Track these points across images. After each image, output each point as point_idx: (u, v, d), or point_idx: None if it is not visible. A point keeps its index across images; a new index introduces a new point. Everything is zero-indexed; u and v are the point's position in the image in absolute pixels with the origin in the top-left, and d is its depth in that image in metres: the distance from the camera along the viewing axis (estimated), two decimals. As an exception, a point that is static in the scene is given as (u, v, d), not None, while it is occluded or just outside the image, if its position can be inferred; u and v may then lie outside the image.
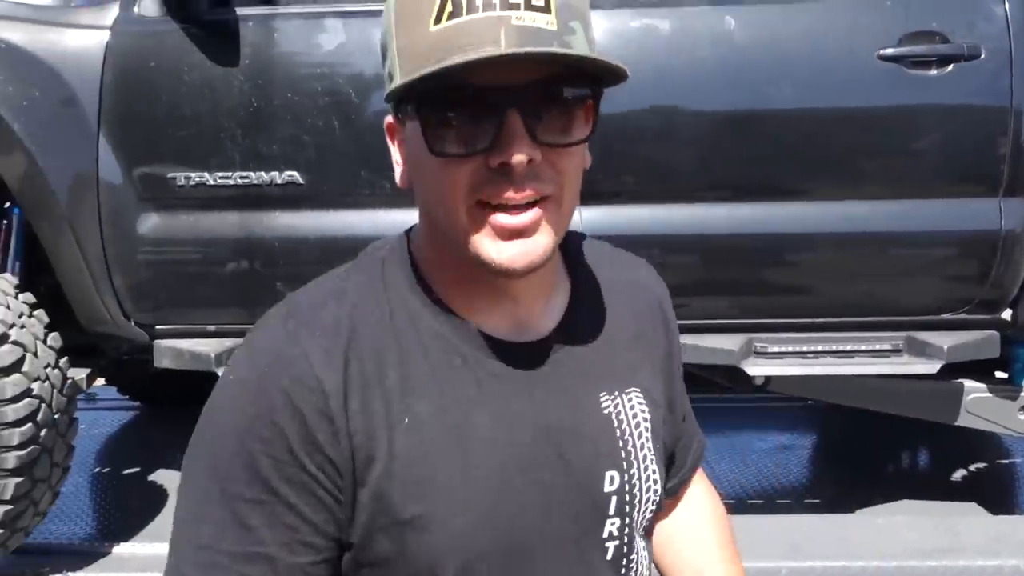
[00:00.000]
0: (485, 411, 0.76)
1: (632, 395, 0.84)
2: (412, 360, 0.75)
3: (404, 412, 0.73)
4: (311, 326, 0.75)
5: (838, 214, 2.21)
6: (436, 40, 0.68)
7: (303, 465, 0.71)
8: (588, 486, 0.79)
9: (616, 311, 0.87)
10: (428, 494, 0.73)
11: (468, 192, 0.71)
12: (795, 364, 2.23)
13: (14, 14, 2.22)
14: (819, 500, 2.75)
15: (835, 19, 2.15)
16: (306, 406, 0.71)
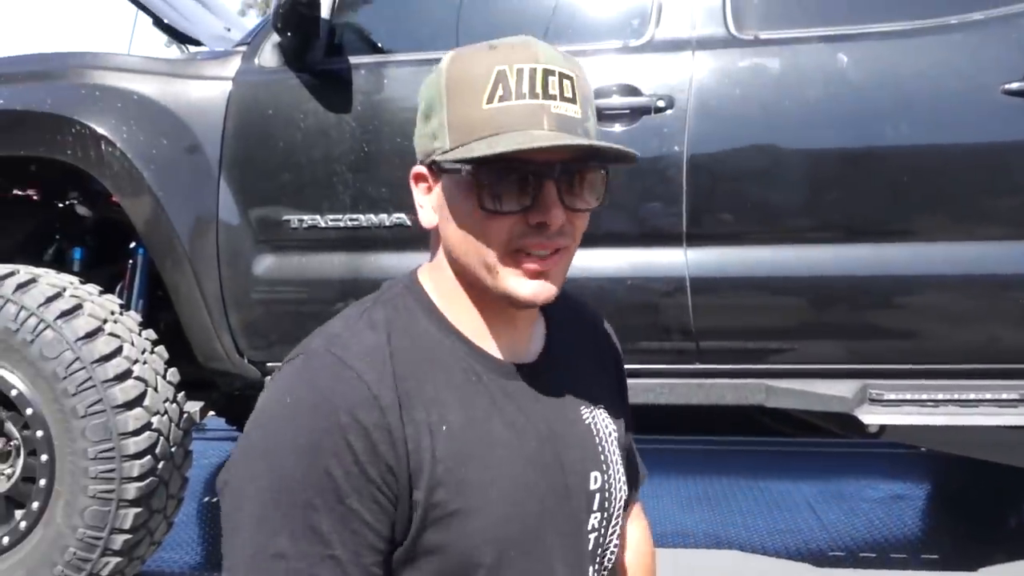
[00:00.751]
0: (501, 422, 0.88)
1: (602, 410, 1.00)
2: (440, 378, 0.87)
3: (441, 421, 0.85)
4: (357, 351, 0.85)
5: (959, 255, 2.11)
6: (488, 117, 0.83)
7: (368, 475, 0.80)
8: (579, 485, 0.94)
9: (580, 340, 1.03)
10: (467, 492, 0.84)
11: (508, 240, 0.85)
12: (914, 413, 2.13)
13: (145, 68, 2.37)
14: (937, 556, 2.61)
15: (956, 53, 2.07)
16: (369, 421, 0.81)
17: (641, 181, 2.17)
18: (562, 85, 0.84)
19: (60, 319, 2.17)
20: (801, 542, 2.70)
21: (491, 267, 0.86)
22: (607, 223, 2.22)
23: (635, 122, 2.16)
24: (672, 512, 2.98)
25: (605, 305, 2.21)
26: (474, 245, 0.87)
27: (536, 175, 0.84)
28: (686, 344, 2.21)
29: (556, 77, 0.84)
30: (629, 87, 2.17)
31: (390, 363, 0.85)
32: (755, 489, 3.17)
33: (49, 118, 2.28)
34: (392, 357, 0.85)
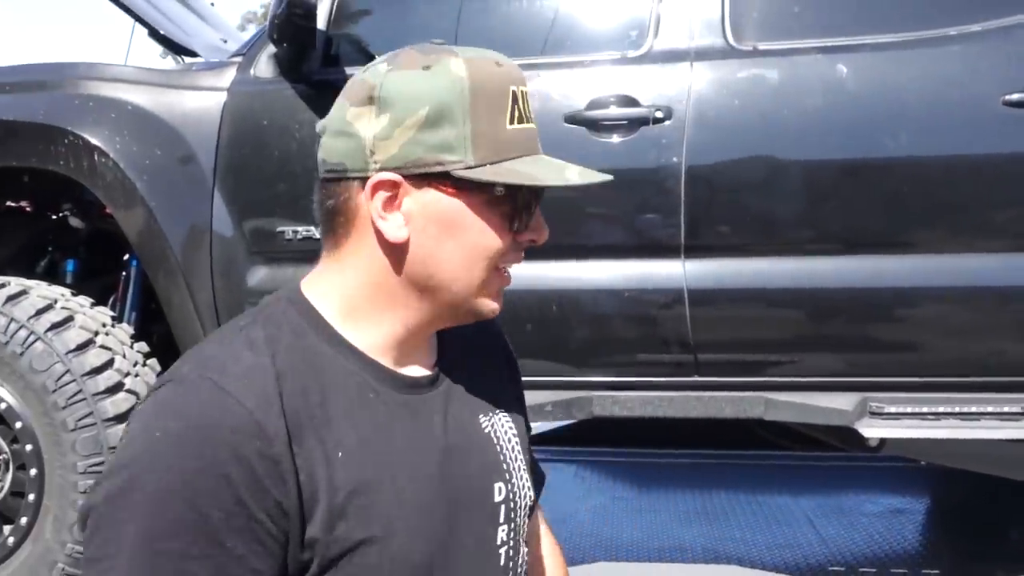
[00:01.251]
0: (401, 439, 0.84)
1: (501, 416, 0.96)
2: (333, 398, 0.81)
3: (336, 447, 0.79)
4: (236, 374, 0.77)
5: (960, 268, 2.10)
6: (512, 139, 0.83)
7: (251, 513, 0.73)
8: (484, 498, 0.90)
9: (474, 347, 0.98)
10: (371, 520, 0.78)
11: (499, 258, 0.85)
12: (914, 426, 2.11)
13: (140, 78, 2.35)
14: (937, 571, 2.58)
15: (955, 64, 2.06)
16: (251, 452, 0.73)
17: (639, 192, 2.16)
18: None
19: (51, 331, 2.15)
20: (800, 557, 2.67)
21: (478, 285, 0.85)
22: (605, 234, 2.20)
23: (633, 133, 2.15)
24: (670, 526, 2.95)
25: (602, 318, 2.20)
26: (471, 262, 0.84)
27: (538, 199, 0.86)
28: (684, 357, 2.19)
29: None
30: (627, 98, 2.16)
31: (275, 385, 0.77)
32: (754, 503, 3.14)
33: (42, 128, 2.26)
34: (278, 379, 0.78)
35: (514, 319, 2.23)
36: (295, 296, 0.87)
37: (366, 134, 0.81)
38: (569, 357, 2.25)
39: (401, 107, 0.81)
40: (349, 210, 0.84)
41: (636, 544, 2.80)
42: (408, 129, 0.81)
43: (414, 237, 0.83)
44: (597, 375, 2.25)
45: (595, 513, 3.09)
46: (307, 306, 0.85)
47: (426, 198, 0.83)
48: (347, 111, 0.83)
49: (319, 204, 0.86)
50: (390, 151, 0.81)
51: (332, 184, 0.84)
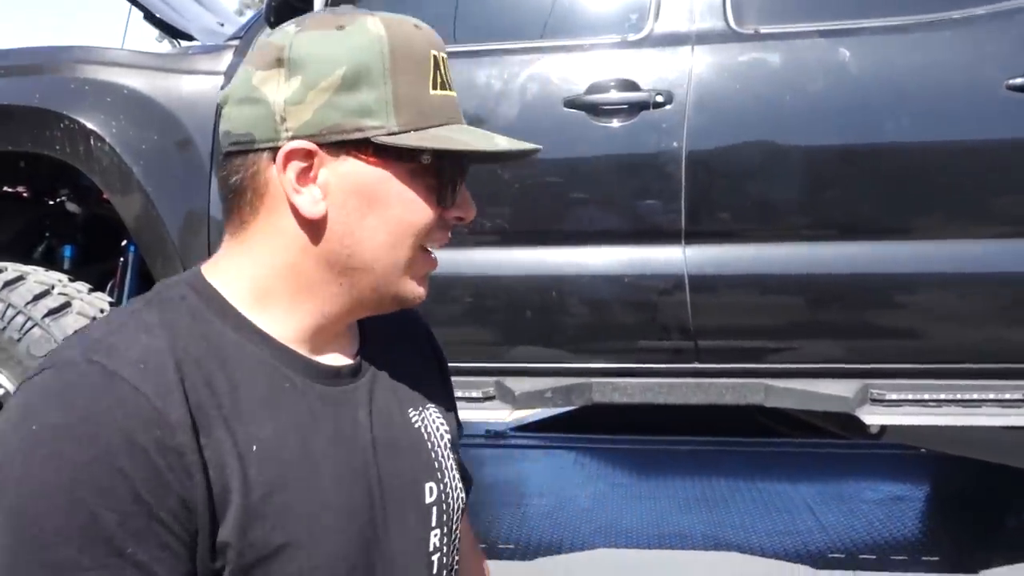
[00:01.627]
0: (323, 433, 0.76)
1: (431, 410, 0.89)
2: (243, 388, 0.72)
3: (250, 440, 0.70)
4: (129, 358, 0.67)
5: (962, 253, 2.09)
6: (438, 105, 0.76)
7: (152, 513, 0.64)
8: (415, 499, 0.82)
9: (398, 339, 0.92)
10: (290, 523, 0.70)
11: (423, 236, 0.78)
12: (915, 413, 2.10)
13: (136, 62, 2.33)
14: (937, 557, 2.57)
15: (959, 48, 2.04)
16: (150, 443, 0.64)
17: (639, 177, 2.14)
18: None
19: (48, 317, 2.14)
20: (800, 544, 2.67)
21: (402, 266, 0.78)
22: (604, 220, 2.19)
23: (633, 117, 2.13)
24: (670, 513, 2.95)
25: (602, 304, 2.19)
26: (395, 240, 0.76)
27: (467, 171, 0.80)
28: (684, 343, 2.18)
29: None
30: (627, 82, 2.14)
31: (175, 371, 0.68)
32: (754, 490, 3.14)
33: (37, 112, 2.24)
34: (178, 365, 0.68)
35: (513, 306, 2.22)
36: (196, 281, 0.77)
37: (275, 99, 0.73)
38: (568, 343, 2.24)
39: (314, 68, 0.73)
40: (258, 185, 0.75)
41: (636, 531, 2.80)
42: (323, 92, 0.73)
43: (332, 212, 0.75)
44: (596, 361, 2.24)
45: (595, 500, 3.09)
46: (210, 292, 0.76)
47: (344, 168, 0.75)
48: (253, 76, 0.74)
49: (222, 181, 0.77)
50: (303, 117, 0.73)
51: (237, 157, 0.75)
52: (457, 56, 2.19)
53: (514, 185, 2.16)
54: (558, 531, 2.79)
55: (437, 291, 2.20)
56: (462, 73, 2.18)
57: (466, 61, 2.20)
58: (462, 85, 2.15)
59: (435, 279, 0.81)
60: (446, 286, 2.21)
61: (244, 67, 0.77)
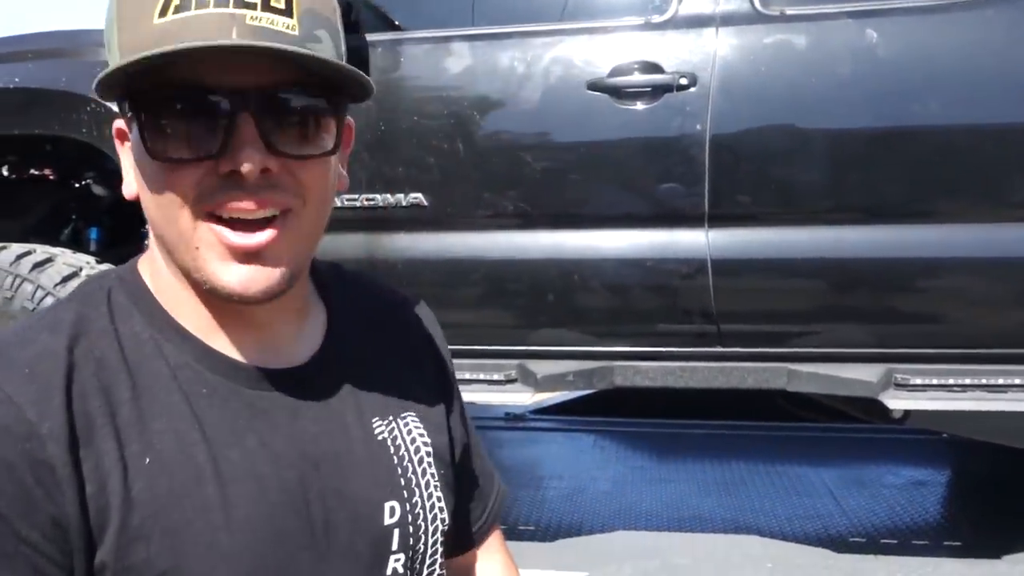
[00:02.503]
0: (243, 445, 0.67)
1: (408, 419, 0.78)
2: (150, 394, 0.66)
3: (143, 452, 0.64)
4: (15, 364, 0.63)
5: (989, 238, 2.07)
6: (160, 34, 0.61)
7: (18, 532, 0.59)
8: (367, 519, 0.72)
9: (381, 337, 0.82)
10: (181, 544, 0.63)
11: (195, 201, 0.64)
12: (940, 398, 2.09)
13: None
14: (959, 543, 2.57)
15: (990, 29, 2.01)
16: (17, 457, 0.60)
17: (662, 161, 2.13)
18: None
19: (76, 299, 2.16)
20: (821, 528, 2.67)
21: (187, 240, 0.65)
22: (627, 203, 2.18)
23: (657, 100, 2.11)
24: (690, 497, 2.96)
25: (624, 287, 2.19)
26: (164, 210, 0.65)
27: (222, 107, 0.63)
28: (707, 327, 2.18)
29: None
30: (651, 64, 2.13)
31: (63, 376, 0.63)
32: (775, 474, 3.14)
33: (64, 96, 2.26)
34: (70, 369, 0.64)
35: (536, 289, 2.23)
36: (127, 273, 0.73)
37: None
38: (590, 327, 2.25)
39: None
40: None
41: (655, 514, 2.81)
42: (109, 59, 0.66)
43: (139, 188, 0.68)
44: (618, 345, 2.24)
45: (614, 483, 3.10)
46: (137, 284, 0.71)
47: (131, 138, 0.68)
48: None
49: None
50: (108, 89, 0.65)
51: None
52: (481, 39, 2.20)
53: (536, 168, 2.16)
54: (577, 513, 2.81)
55: (460, 274, 2.23)
56: (486, 55, 2.18)
57: (490, 43, 2.19)
58: (485, 68, 2.17)
59: (457, 262, 0.77)
60: (469, 269, 2.21)
61: None
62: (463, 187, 2.19)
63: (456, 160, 2.17)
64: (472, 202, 2.20)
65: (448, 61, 2.19)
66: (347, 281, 0.85)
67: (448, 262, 2.21)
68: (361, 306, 0.82)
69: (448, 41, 2.20)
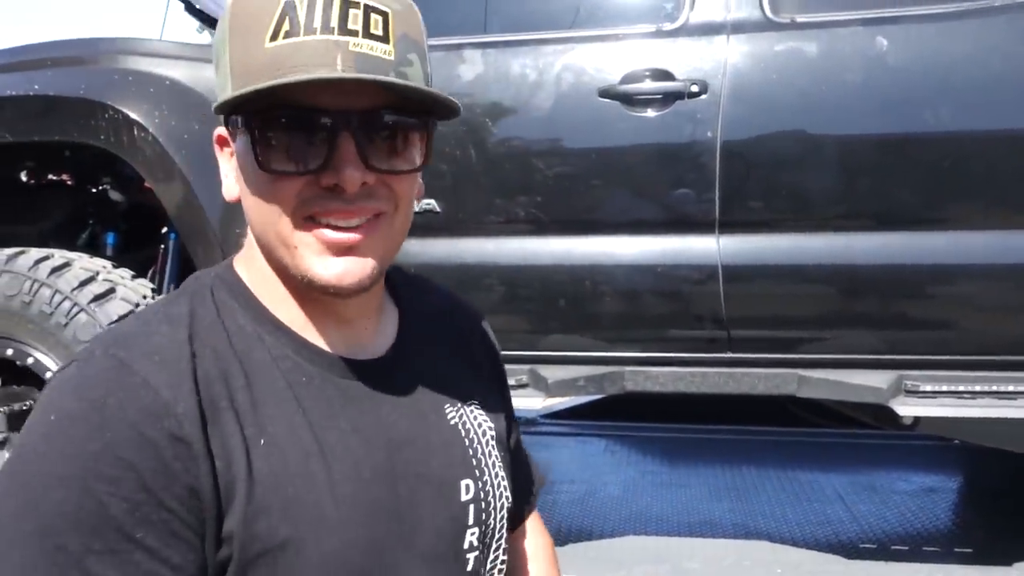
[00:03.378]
0: (339, 429, 0.75)
1: (474, 407, 0.86)
2: (259, 381, 0.73)
3: (259, 434, 0.71)
4: (146, 352, 0.70)
5: (1000, 244, 2.07)
6: (271, 57, 0.69)
7: (160, 501, 0.66)
8: (447, 497, 0.80)
9: (444, 334, 0.90)
10: (297, 516, 0.70)
11: (298, 206, 0.72)
12: (950, 405, 2.09)
13: (177, 53, 2.37)
14: (971, 549, 2.56)
15: (1001, 36, 2.02)
16: (157, 434, 0.66)
17: (674, 167, 2.15)
18: (368, 19, 0.70)
19: (94, 303, 2.19)
20: (832, 534, 2.67)
21: (287, 241, 0.73)
22: (638, 209, 2.19)
23: (668, 107, 2.13)
24: (701, 501, 2.96)
25: (635, 293, 2.20)
26: (266, 215, 0.73)
27: (327, 127, 0.70)
28: (718, 333, 2.19)
29: (360, 10, 0.69)
30: (662, 72, 2.14)
31: (190, 363, 0.70)
32: (785, 480, 3.14)
33: (82, 103, 2.29)
34: (194, 357, 0.71)
35: (547, 294, 2.24)
36: (225, 272, 0.80)
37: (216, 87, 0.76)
38: (602, 332, 2.26)
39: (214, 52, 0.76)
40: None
41: (665, 519, 2.82)
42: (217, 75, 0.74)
43: (241, 196, 0.76)
44: (630, 350, 2.25)
45: (625, 487, 3.11)
46: (236, 282, 0.78)
47: (236, 147, 0.76)
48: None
49: None
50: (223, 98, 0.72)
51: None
52: (493, 46, 2.22)
53: (548, 174, 2.18)
54: (588, 518, 2.82)
55: (472, 280, 2.25)
56: (498, 63, 2.20)
57: (501, 51, 2.21)
58: (497, 75, 2.19)
59: (469, 268, 0.82)
60: (481, 275, 2.23)
61: None
62: (475, 193, 2.21)
63: (468, 167, 2.19)
64: (484, 208, 2.22)
65: (460, 68, 2.21)
66: (412, 283, 0.93)
67: (460, 268, 2.23)
68: (425, 305, 0.90)
69: (460, 49, 2.22)
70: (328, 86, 0.69)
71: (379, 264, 0.75)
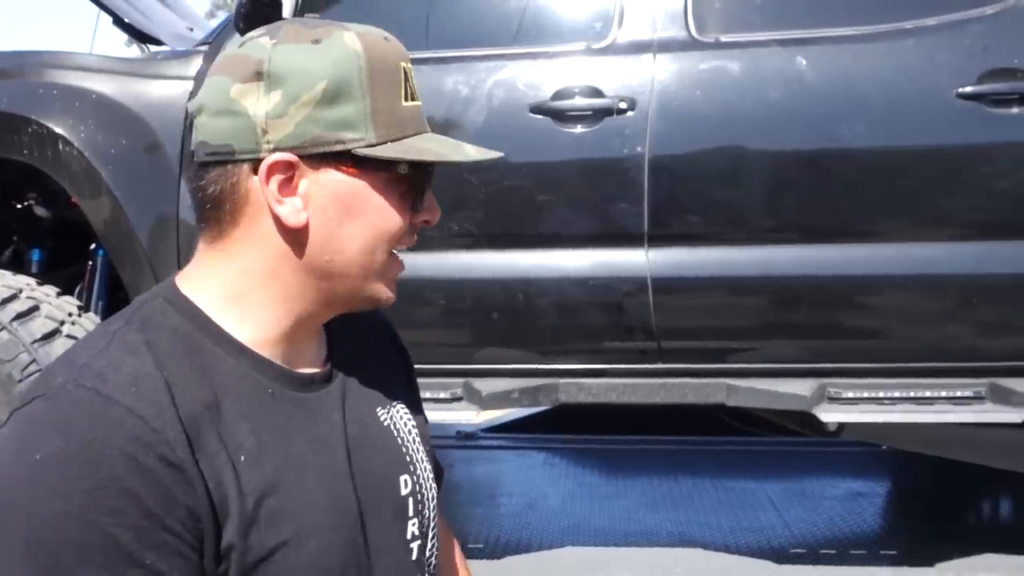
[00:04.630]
0: (303, 438, 0.80)
1: (398, 407, 0.93)
2: (227, 400, 0.76)
3: (238, 450, 0.74)
4: (120, 383, 0.70)
5: (915, 256, 2.15)
6: (409, 115, 0.81)
7: (165, 525, 0.68)
8: (391, 493, 0.87)
9: (361, 340, 0.95)
10: (282, 524, 0.75)
11: (396, 240, 0.82)
12: (871, 411, 2.17)
13: (104, 67, 2.34)
14: (895, 552, 2.65)
15: (911, 57, 2.11)
16: (152, 461, 0.68)
17: (604, 182, 2.19)
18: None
19: (16, 321, 2.14)
20: (764, 540, 2.73)
21: (376, 270, 0.81)
22: (570, 224, 2.23)
23: (597, 123, 2.17)
24: (637, 511, 3.00)
25: (568, 306, 2.23)
26: (372, 246, 0.80)
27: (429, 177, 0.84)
28: (648, 344, 2.23)
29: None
30: (592, 88, 2.19)
31: (167, 392, 0.71)
32: (719, 488, 3.20)
33: (4, 117, 2.24)
34: (170, 385, 0.72)
35: (481, 308, 2.26)
36: (172, 294, 0.80)
37: (256, 112, 0.75)
38: (535, 345, 2.28)
39: (295, 82, 0.75)
40: (238, 195, 0.77)
41: (604, 529, 2.84)
42: (304, 106, 0.75)
43: (312, 221, 0.78)
44: (563, 362, 2.28)
45: (563, 499, 3.13)
46: (187, 304, 0.79)
47: (325, 179, 0.78)
48: (230, 88, 0.76)
49: (196, 191, 0.79)
50: (285, 130, 0.75)
51: (214, 168, 0.77)
52: (426, 62, 2.24)
53: (481, 190, 2.20)
54: (528, 530, 2.83)
55: (407, 294, 2.24)
56: (431, 79, 2.22)
57: (435, 67, 2.23)
58: (431, 91, 2.21)
59: (404, 282, 0.85)
60: (416, 289, 2.23)
61: (217, 77, 0.77)
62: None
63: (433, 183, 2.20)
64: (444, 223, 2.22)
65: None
66: None
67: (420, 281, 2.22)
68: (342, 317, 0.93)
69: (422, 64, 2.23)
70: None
71: None
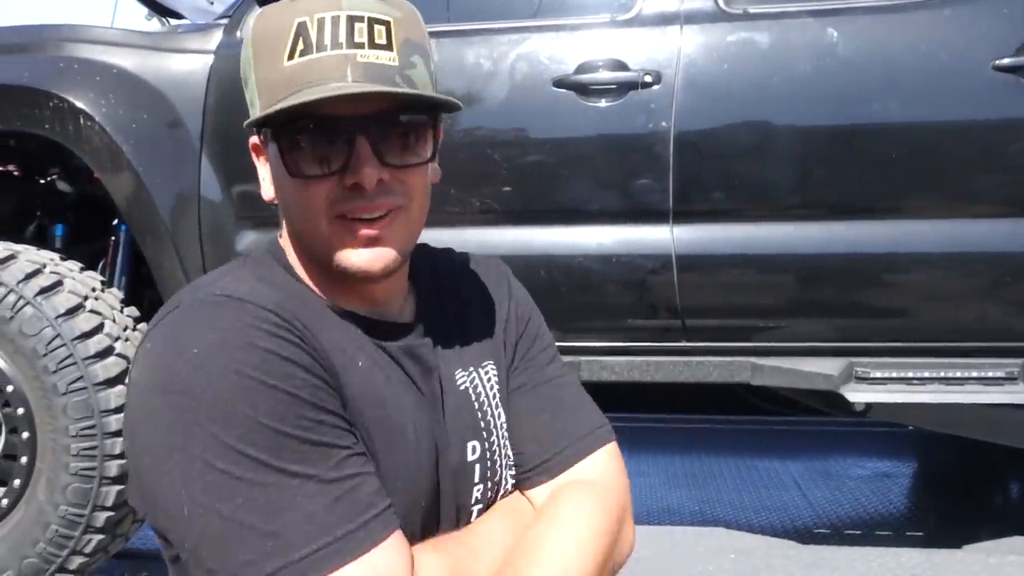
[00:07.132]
0: (386, 380, 0.85)
1: (488, 367, 0.94)
2: (327, 333, 0.82)
3: (353, 359, 0.82)
4: (244, 292, 0.79)
5: (948, 233, 2.10)
6: (289, 74, 0.78)
7: (325, 382, 0.77)
8: (459, 455, 0.89)
9: (453, 297, 0.97)
10: (381, 437, 0.81)
11: (327, 207, 0.81)
12: (900, 391, 2.13)
13: (125, 41, 2.32)
14: (922, 532, 2.62)
15: (947, 28, 2.05)
16: (296, 338, 0.77)
17: (628, 157, 2.15)
18: (372, 31, 0.78)
19: (40, 295, 2.14)
20: (787, 519, 2.71)
21: (323, 237, 0.82)
22: (593, 200, 2.20)
23: (622, 97, 2.13)
24: (659, 490, 2.99)
25: (591, 283, 2.20)
26: (303, 215, 0.83)
27: (344, 132, 0.79)
28: (672, 322, 2.20)
29: (365, 23, 0.78)
30: (616, 62, 2.15)
31: (282, 308, 0.79)
32: (742, 467, 3.18)
33: (26, 91, 2.24)
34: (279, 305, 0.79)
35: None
36: (272, 246, 0.90)
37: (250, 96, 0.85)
38: (557, 322, 2.23)
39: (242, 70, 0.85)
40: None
41: (625, 507, 2.83)
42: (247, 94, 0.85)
43: (276, 195, 0.86)
44: (585, 340, 2.26)
45: (585, 477, 3.11)
46: (281, 255, 0.88)
47: (270, 155, 0.85)
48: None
49: None
50: (253, 113, 0.83)
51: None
52: (447, 35, 2.21)
53: (503, 165, 2.17)
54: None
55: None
56: (453, 53, 2.19)
57: (456, 40, 2.20)
58: (452, 65, 2.18)
59: None
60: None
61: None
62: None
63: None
64: (440, 199, 2.20)
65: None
66: (425, 256, 1.00)
67: None
68: (435, 272, 0.98)
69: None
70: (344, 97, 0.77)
71: (401, 251, 0.84)
